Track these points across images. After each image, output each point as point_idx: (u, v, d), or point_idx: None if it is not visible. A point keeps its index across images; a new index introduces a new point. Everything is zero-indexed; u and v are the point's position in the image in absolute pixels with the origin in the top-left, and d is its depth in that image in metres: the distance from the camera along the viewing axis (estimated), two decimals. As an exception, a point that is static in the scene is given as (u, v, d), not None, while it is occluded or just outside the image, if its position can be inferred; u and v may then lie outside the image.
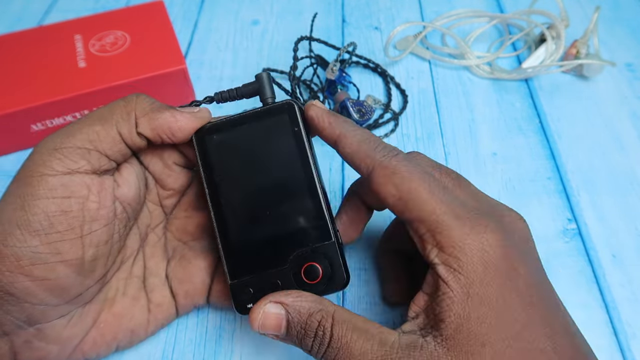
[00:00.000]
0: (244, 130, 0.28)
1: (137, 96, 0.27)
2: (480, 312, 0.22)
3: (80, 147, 0.25)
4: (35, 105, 0.39)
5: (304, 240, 0.27)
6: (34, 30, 0.46)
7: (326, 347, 0.24)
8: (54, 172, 0.24)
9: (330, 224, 0.27)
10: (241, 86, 0.30)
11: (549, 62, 0.46)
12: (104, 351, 0.28)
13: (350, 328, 0.24)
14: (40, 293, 0.24)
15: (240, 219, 0.28)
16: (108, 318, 0.28)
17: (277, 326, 0.25)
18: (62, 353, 0.27)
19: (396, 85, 0.47)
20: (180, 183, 0.31)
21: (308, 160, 0.28)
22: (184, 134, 0.28)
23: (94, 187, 0.25)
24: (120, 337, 0.28)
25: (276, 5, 0.57)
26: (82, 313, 0.27)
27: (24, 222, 0.23)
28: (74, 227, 0.24)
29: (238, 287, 0.27)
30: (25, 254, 0.23)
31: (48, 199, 0.24)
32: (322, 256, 0.26)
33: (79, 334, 0.27)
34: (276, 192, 0.28)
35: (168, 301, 0.30)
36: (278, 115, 0.28)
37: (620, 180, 0.40)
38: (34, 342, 0.25)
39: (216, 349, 0.31)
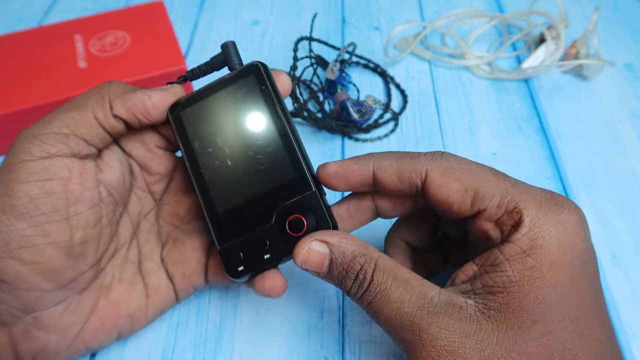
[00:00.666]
0: (215, 99, 0.29)
1: (109, 82, 0.28)
2: (542, 293, 0.22)
3: (57, 133, 0.26)
4: (35, 105, 0.39)
5: (284, 195, 0.27)
6: (34, 30, 0.46)
7: (364, 291, 0.24)
8: (34, 157, 0.25)
9: (309, 174, 0.27)
10: (209, 59, 0.31)
11: (549, 62, 0.47)
12: (106, 339, 0.28)
13: (391, 276, 0.24)
14: (32, 277, 0.24)
15: (221, 184, 0.28)
16: (106, 305, 0.28)
17: (320, 264, 0.25)
18: (62, 342, 0.27)
19: (396, 85, 0.47)
20: (165, 167, 0.31)
21: (279, 116, 0.28)
22: (159, 111, 0.28)
23: (75, 170, 0.26)
24: (120, 323, 0.29)
25: (276, 5, 0.57)
26: (79, 300, 0.27)
27: (9, 206, 0.24)
28: (59, 209, 0.25)
29: (227, 251, 0.27)
30: (13, 238, 0.24)
31: (30, 182, 0.24)
32: (305, 208, 0.26)
33: (77, 322, 0.27)
34: (253, 152, 0.28)
35: (165, 285, 0.30)
36: (245, 78, 0.29)
37: (620, 180, 0.40)
38: (33, 332, 0.26)
39: (216, 349, 0.31)
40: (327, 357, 0.31)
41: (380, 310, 0.24)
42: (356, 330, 0.32)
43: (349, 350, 0.31)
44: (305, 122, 0.44)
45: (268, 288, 0.27)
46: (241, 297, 0.34)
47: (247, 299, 0.33)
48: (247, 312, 0.33)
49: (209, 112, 0.29)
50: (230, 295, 0.34)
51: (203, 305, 0.33)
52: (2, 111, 0.39)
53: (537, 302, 0.22)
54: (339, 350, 0.31)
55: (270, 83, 0.28)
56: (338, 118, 0.43)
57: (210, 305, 0.33)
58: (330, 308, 0.33)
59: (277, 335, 0.32)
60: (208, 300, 0.34)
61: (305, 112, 0.42)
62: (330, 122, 0.42)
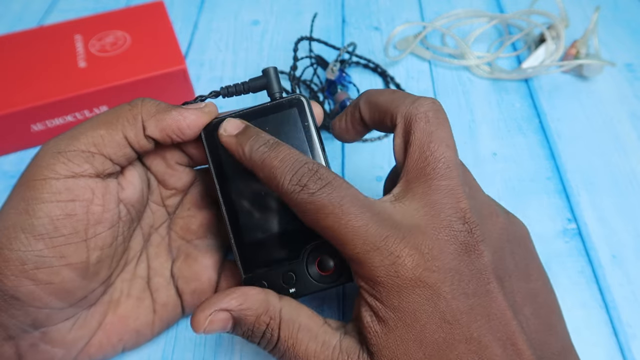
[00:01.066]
0: (254, 124, 0.28)
1: (142, 100, 0.27)
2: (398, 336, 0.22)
3: (84, 151, 0.25)
4: (35, 105, 0.39)
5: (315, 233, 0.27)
6: (34, 30, 0.46)
7: (273, 347, 0.24)
8: (58, 176, 0.24)
9: None
10: (248, 81, 0.30)
11: (549, 62, 0.46)
12: (110, 353, 0.28)
13: (296, 328, 0.24)
14: (44, 297, 0.24)
15: (252, 213, 0.28)
16: (113, 320, 0.28)
17: (223, 328, 0.24)
18: (67, 356, 0.26)
19: (396, 85, 0.47)
20: (182, 182, 0.30)
21: (318, 153, 0.28)
22: (193, 131, 0.27)
23: (98, 191, 0.25)
24: (126, 338, 0.28)
25: (276, 5, 0.57)
26: (87, 315, 0.27)
27: (28, 226, 0.23)
28: (79, 231, 0.24)
29: (252, 281, 0.27)
30: (30, 258, 0.23)
31: (52, 202, 0.24)
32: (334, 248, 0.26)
33: (84, 337, 0.27)
34: None
35: (173, 301, 0.30)
36: (287, 109, 0.28)
37: (620, 180, 0.40)
38: (40, 345, 0.25)
39: (216, 349, 0.31)
40: (327, 357, 0.31)
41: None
42: (356, 330, 0.32)
43: (349, 350, 0.31)
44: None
45: None
46: (241, 297, 0.34)
47: (247, 299, 0.33)
48: (247, 312, 0.33)
49: None
50: (230, 295, 0.34)
51: (203, 305, 0.33)
52: (2, 111, 0.39)
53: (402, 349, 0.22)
54: (339, 350, 0.31)
55: (313, 120, 0.28)
56: (338, 118, 0.43)
57: (210, 305, 0.33)
58: (330, 308, 0.33)
59: (277, 335, 0.32)
60: (208, 300, 0.34)
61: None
62: (330, 122, 0.42)
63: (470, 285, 0.22)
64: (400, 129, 0.26)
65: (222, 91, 0.30)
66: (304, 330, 0.24)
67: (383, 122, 0.27)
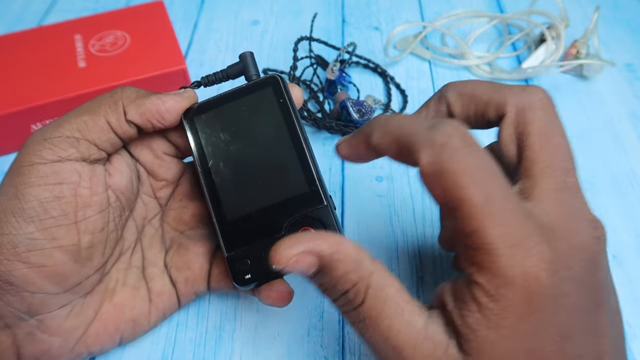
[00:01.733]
0: (231, 107, 0.29)
1: (122, 88, 0.28)
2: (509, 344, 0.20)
3: (69, 137, 0.26)
4: (35, 105, 0.39)
5: (297, 207, 0.27)
6: (34, 30, 0.46)
7: (352, 309, 0.22)
8: (45, 161, 0.25)
9: (321, 188, 0.27)
10: (226, 67, 0.31)
11: (549, 62, 0.46)
12: (107, 343, 0.28)
13: (383, 298, 0.21)
14: (38, 280, 0.24)
15: (232, 192, 0.28)
16: (110, 309, 0.28)
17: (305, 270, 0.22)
18: (65, 345, 0.27)
19: (396, 85, 0.47)
20: (172, 173, 0.31)
21: (296, 129, 0.28)
22: (173, 116, 0.28)
23: (84, 174, 0.26)
24: (122, 327, 0.29)
25: (276, 5, 0.57)
26: (84, 304, 0.27)
27: (18, 209, 0.24)
28: (68, 213, 0.25)
29: (235, 259, 0.27)
30: (22, 241, 0.24)
31: (40, 186, 0.24)
32: (316, 221, 0.27)
33: (81, 326, 0.27)
34: (267, 162, 0.28)
35: (168, 290, 0.30)
36: (263, 89, 0.29)
37: (620, 180, 0.40)
38: (37, 334, 0.26)
39: (216, 349, 0.31)
40: (327, 357, 0.31)
41: (366, 331, 0.22)
42: (356, 330, 0.32)
43: (349, 350, 0.31)
44: (305, 122, 0.44)
45: (275, 297, 0.27)
46: (241, 297, 0.34)
47: (247, 299, 0.33)
48: (247, 312, 0.33)
49: (224, 120, 0.29)
50: (231, 296, 0.34)
51: (203, 306, 0.33)
52: (2, 111, 0.39)
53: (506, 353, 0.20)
54: (339, 350, 0.31)
55: (288, 97, 0.29)
56: (338, 118, 0.43)
57: (210, 306, 0.33)
58: (330, 308, 0.33)
59: (277, 335, 0.32)
60: (208, 301, 0.34)
61: (305, 112, 0.42)
62: (330, 122, 0.42)
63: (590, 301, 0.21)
64: (510, 119, 0.24)
65: (202, 81, 0.31)
66: (391, 303, 0.21)
67: (483, 113, 0.25)
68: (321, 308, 0.33)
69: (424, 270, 0.35)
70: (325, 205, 0.27)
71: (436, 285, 0.26)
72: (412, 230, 0.37)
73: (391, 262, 0.35)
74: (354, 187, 0.40)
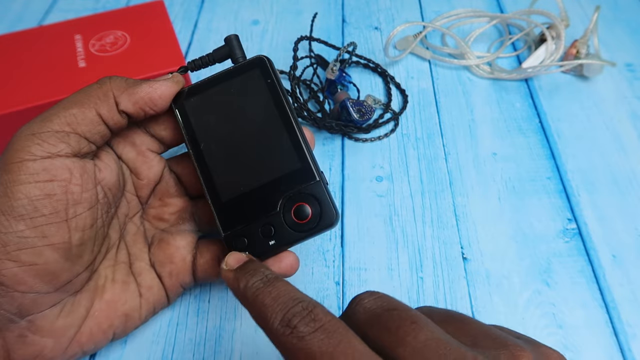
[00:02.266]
0: (220, 89, 0.30)
1: (109, 77, 0.28)
2: None
3: (58, 131, 0.25)
4: (35, 105, 0.39)
5: (290, 184, 0.28)
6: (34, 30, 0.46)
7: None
8: (34, 157, 0.24)
9: (313, 165, 0.28)
10: (212, 51, 0.31)
11: (549, 62, 0.46)
12: (101, 341, 0.28)
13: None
14: (29, 279, 0.24)
15: (226, 173, 0.29)
16: (101, 306, 0.28)
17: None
18: (58, 347, 0.26)
19: (396, 85, 0.47)
20: (154, 171, 0.31)
21: (284, 108, 0.29)
22: (165, 101, 0.29)
23: (75, 171, 0.26)
24: (115, 323, 0.28)
25: (276, 5, 0.57)
26: (74, 302, 0.27)
27: (8, 208, 0.24)
28: (59, 211, 0.25)
29: (232, 238, 0.28)
30: (12, 239, 0.24)
31: (30, 183, 0.24)
32: (310, 196, 0.28)
33: (73, 325, 0.27)
34: (258, 142, 0.29)
35: (157, 284, 0.30)
36: (251, 70, 0.30)
37: (620, 180, 0.40)
38: (28, 336, 0.25)
39: (216, 349, 0.31)
40: (327, 357, 0.31)
41: None
42: (356, 330, 0.32)
43: (349, 350, 0.31)
44: (305, 122, 0.44)
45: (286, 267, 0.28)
46: (241, 297, 0.34)
47: (247, 299, 0.33)
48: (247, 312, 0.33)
49: (214, 102, 0.30)
50: (230, 296, 0.34)
51: (203, 306, 0.33)
52: (2, 111, 0.39)
53: None
54: (338, 350, 0.31)
55: (275, 77, 0.29)
56: (338, 118, 0.43)
57: (209, 306, 0.33)
58: (330, 308, 0.33)
59: (277, 335, 0.32)
60: (208, 301, 0.34)
61: (305, 112, 0.42)
62: (330, 122, 0.42)
63: None
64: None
65: (189, 66, 0.31)
66: None
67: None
68: (321, 308, 0.33)
69: (424, 270, 0.35)
70: (317, 181, 0.28)
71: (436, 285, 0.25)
72: (412, 230, 0.37)
73: (391, 262, 0.35)
74: (354, 187, 0.40)
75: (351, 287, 0.34)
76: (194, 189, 0.33)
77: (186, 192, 0.33)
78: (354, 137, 0.43)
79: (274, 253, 0.28)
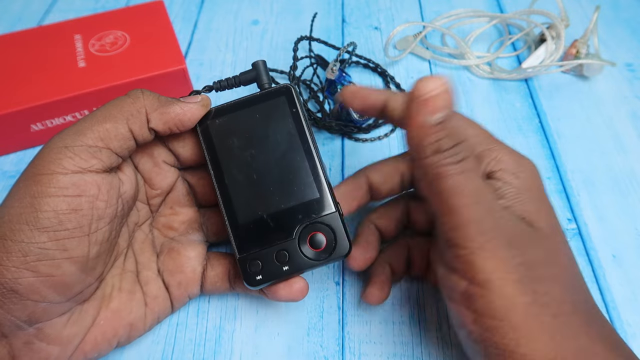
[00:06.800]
0: (244, 113, 0.30)
1: (142, 92, 0.28)
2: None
3: (91, 146, 0.25)
4: (35, 105, 0.39)
5: (308, 213, 0.28)
6: (34, 30, 0.46)
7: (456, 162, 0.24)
8: (65, 171, 0.24)
9: (331, 196, 0.29)
10: (239, 74, 0.32)
11: (549, 62, 0.46)
12: (105, 349, 0.28)
13: None
14: (43, 290, 0.24)
15: (245, 196, 0.29)
16: (107, 315, 0.28)
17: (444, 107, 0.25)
18: (62, 354, 0.26)
19: (396, 85, 0.47)
20: (167, 182, 0.31)
21: (307, 138, 0.29)
22: (193, 123, 0.29)
23: (103, 187, 0.26)
24: (120, 332, 0.29)
25: (276, 5, 0.57)
26: (82, 311, 0.27)
27: (33, 219, 0.24)
28: (83, 226, 0.25)
29: (247, 261, 0.28)
30: (32, 250, 0.23)
31: (59, 197, 0.24)
32: (326, 226, 0.28)
33: (79, 333, 0.27)
34: (279, 168, 0.29)
35: (163, 293, 0.30)
36: (276, 97, 0.30)
37: (620, 180, 0.40)
38: (35, 343, 0.25)
39: (216, 349, 0.31)
40: (327, 357, 0.31)
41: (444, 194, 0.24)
42: (356, 330, 0.32)
43: (349, 350, 0.31)
44: (305, 122, 0.44)
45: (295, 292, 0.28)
46: (241, 297, 0.34)
47: (247, 299, 0.33)
48: (246, 312, 0.33)
49: (237, 126, 0.30)
50: (230, 296, 0.34)
51: (203, 306, 0.33)
52: (2, 111, 0.39)
53: None
54: (338, 350, 0.31)
55: (300, 106, 0.30)
56: (338, 118, 0.43)
57: (209, 306, 0.33)
58: (330, 308, 0.33)
59: (277, 335, 0.32)
60: (208, 301, 0.34)
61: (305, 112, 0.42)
62: (330, 122, 0.42)
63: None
64: None
65: (214, 85, 0.32)
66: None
67: None
68: (321, 308, 0.33)
69: (423, 270, 0.35)
70: (334, 212, 0.28)
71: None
72: (412, 230, 0.37)
73: (391, 262, 0.35)
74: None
75: (351, 287, 0.34)
76: (205, 199, 0.33)
77: (197, 202, 0.33)
78: (353, 137, 0.43)
79: (286, 278, 0.28)
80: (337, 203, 0.29)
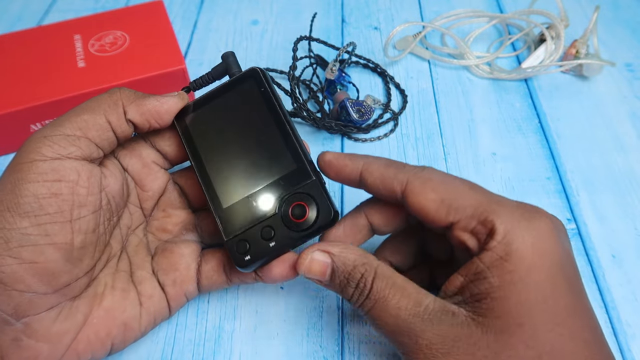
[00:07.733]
0: (217, 102, 0.31)
1: (120, 89, 0.29)
2: (523, 295, 0.23)
3: (69, 135, 0.26)
4: (35, 105, 0.39)
5: (287, 185, 0.29)
6: (34, 30, 0.46)
7: (364, 298, 0.25)
8: (44, 158, 0.25)
9: (309, 164, 0.29)
10: (211, 70, 0.33)
11: (549, 62, 0.46)
12: (99, 351, 0.28)
13: (389, 284, 0.25)
14: (28, 278, 0.24)
15: (226, 180, 0.30)
16: (100, 313, 0.28)
17: (322, 273, 0.27)
18: (53, 353, 0.26)
19: (396, 85, 0.47)
20: (158, 184, 0.32)
21: (278, 113, 0.30)
22: (170, 116, 0.30)
23: (83, 173, 0.26)
24: (114, 332, 0.28)
25: (276, 5, 0.57)
26: (72, 307, 0.27)
27: (14, 204, 0.24)
28: (64, 210, 0.25)
29: (234, 243, 0.28)
30: (14, 236, 0.24)
31: (38, 182, 0.24)
32: (307, 196, 0.28)
33: (70, 331, 0.26)
34: (255, 148, 0.30)
35: (158, 293, 0.30)
36: (245, 81, 0.31)
37: (620, 180, 0.40)
38: (23, 340, 0.25)
39: (215, 349, 0.31)
40: (326, 357, 0.31)
41: (379, 316, 0.25)
42: (355, 330, 0.32)
43: (348, 350, 0.31)
44: (304, 122, 0.44)
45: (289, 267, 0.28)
46: (240, 297, 0.34)
47: (246, 299, 0.33)
48: (246, 312, 0.33)
49: (212, 115, 0.31)
50: (230, 296, 0.34)
51: (202, 306, 0.33)
52: (2, 111, 0.39)
53: (519, 305, 0.23)
54: (338, 351, 0.31)
55: (268, 85, 0.30)
56: (337, 118, 0.43)
57: (209, 306, 0.33)
58: (330, 308, 0.33)
59: (276, 335, 0.32)
60: (207, 301, 0.34)
61: (305, 112, 0.42)
62: (329, 122, 0.42)
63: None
64: None
65: (191, 86, 0.33)
66: (396, 287, 0.25)
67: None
68: (320, 308, 0.33)
69: (423, 270, 0.35)
70: (313, 180, 0.28)
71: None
72: (411, 230, 0.37)
73: (390, 262, 0.35)
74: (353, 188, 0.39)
75: (350, 287, 0.34)
76: (197, 201, 0.33)
77: (189, 205, 0.33)
78: (353, 137, 0.43)
79: (276, 254, 0.28)
80: (318, 171, 0.29)
